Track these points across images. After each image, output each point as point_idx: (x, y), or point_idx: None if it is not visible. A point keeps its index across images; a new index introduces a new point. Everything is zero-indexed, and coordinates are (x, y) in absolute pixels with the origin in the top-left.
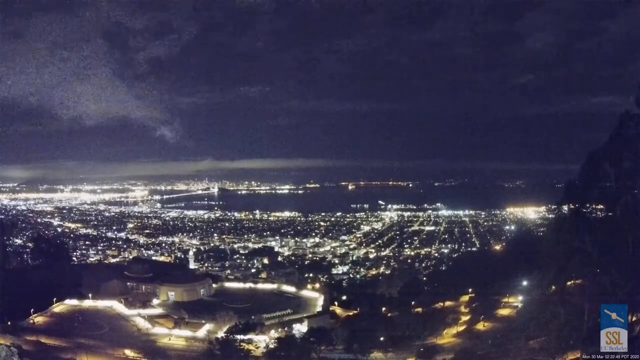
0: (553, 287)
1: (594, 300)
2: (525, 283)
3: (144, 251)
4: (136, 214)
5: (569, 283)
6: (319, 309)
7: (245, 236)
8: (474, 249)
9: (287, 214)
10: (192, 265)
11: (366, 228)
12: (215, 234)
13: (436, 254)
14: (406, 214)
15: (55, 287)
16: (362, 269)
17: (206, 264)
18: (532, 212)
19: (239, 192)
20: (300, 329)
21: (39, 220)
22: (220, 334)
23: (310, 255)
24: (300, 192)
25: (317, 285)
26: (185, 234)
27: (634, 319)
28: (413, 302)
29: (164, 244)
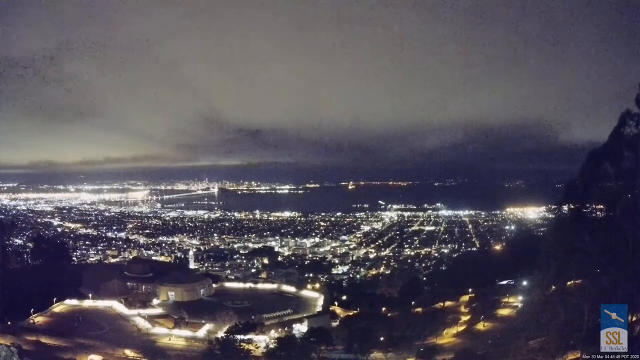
0: (553, 287)
1: (594, 300)
2: (525, 283)
3: (144, 251)
4: (136, 214)
5: (569, 283)
6: (319, 309)
7: (245, 236)
8: (474, 249)
9: (287, 214)
10: (192, 265)
11: (366, 228)
12: (215, 234)
13: (436, 254)
14: (406, 214)
15: (55, 287)
16: (362, 269)
17: (206, 264)
18: (532, 212)
19: (239, 192)
20: (300, 329)
21: (39, 220)
22: (220, 334)
23: (310, 255)
24: (300, 192)
25: (317, 285)
26: (185, 234)
27: (634, 319)
28: (413, 302)
29: (164, 244)
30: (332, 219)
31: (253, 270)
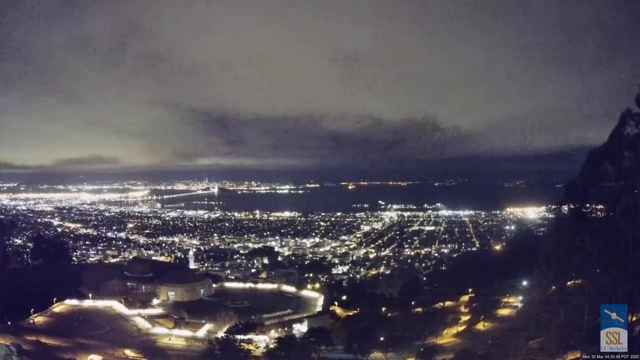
0: (553, 287)
1: (594, 300)
2: (525, 283)
3: (144, 251)
4: (136, 214)
5: (569, 283)
6: (319, 309)
7: (245, 236)
8: (474, 249)
9: (287, 214)
10: (192, 265)
11: (366, 228)
12: (215, 234)
13: (436, 254)
14: (406, 214)
15: (55, 287)
16: (362, 269)
17: (206, 264)
18: (532, 212)
19: (239, 192)
20: (300, 329)
21: (39, 220)
22: (220, 334)
23: (310, 255)
24: (300, 192)
25: (317, 285)
26: (185, 234)
27: (634, 319)
28: (413, 302)
29: (164, 244)
30: (332, 219)
31: (253, 270)
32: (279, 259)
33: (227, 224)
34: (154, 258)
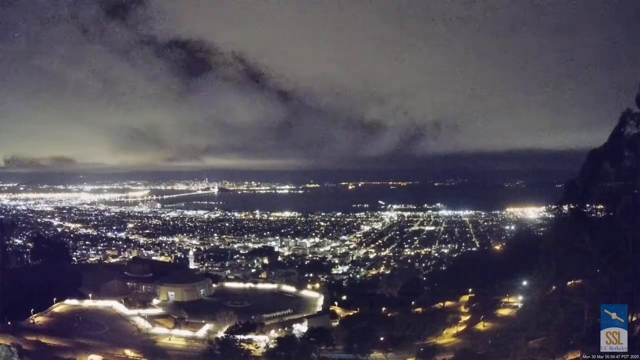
0: (553, 287)
1: (594, 300)
2: (525, 283)
3: (144, 251)
4: (136, 214)
5: (569, 283)
6: (319, 309)
7: (245, 236)
8: (474, 249)
9: (287, 214)
10: (192, 265)
11: (366, 228)
12: (215, 234)
13: (436, 254)
14: (406, 214)
15: (55, 287)
16: (362, 269)
17: (206, 264)
18: (532, 212)
19: (239, 192)
20: (300, 329)
21: (39, 220)
22: (220, 334)
23: (310, 255)
24: (300, 192)
25: (317, 285)
26: (185, 234)
27: (634, 319)
28: (413, 302)
29: (164, 244)
30: (332, 219)
31: (253, 270)
32: (279, 259)
33: (227, 224)
34: (154, 258)
